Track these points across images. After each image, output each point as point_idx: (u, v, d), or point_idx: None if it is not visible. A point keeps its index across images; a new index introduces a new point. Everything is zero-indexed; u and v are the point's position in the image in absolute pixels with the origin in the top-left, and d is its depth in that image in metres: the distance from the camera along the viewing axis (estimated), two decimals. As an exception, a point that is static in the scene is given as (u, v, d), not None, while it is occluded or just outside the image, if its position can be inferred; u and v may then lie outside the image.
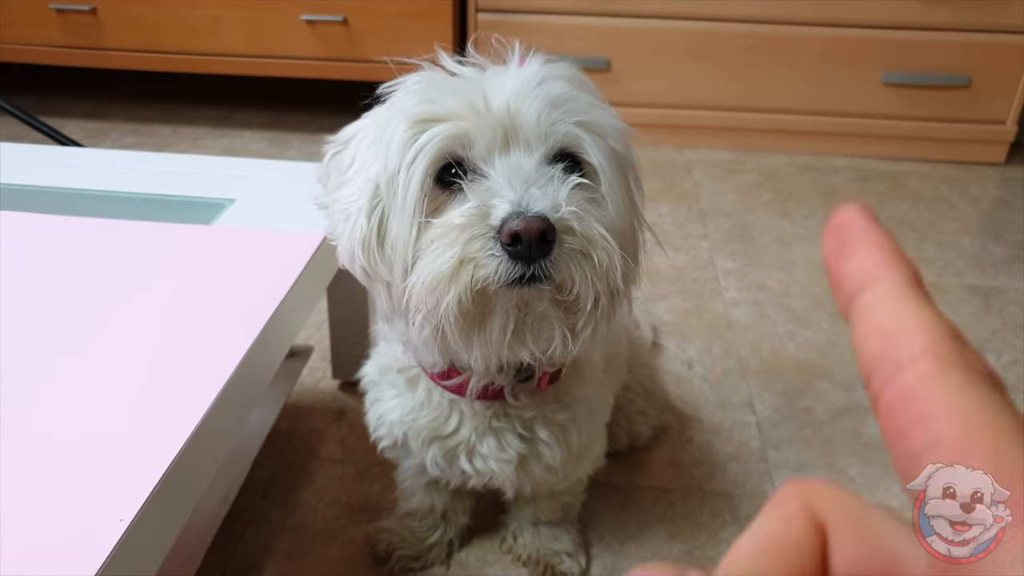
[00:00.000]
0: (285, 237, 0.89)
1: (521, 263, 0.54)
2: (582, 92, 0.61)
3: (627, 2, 1.97)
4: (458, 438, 0.74)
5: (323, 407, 1.18)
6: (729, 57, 2.00)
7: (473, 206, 0.56)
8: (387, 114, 0.62)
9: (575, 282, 0.55)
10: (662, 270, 1.55)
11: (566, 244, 0.54)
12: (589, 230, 0.55)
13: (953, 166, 2.06)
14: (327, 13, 1.97)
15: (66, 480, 0.57)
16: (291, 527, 0.98)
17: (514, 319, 0.57)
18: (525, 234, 0.53)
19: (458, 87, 0.59)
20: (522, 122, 0.58)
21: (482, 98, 0.58)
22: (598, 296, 0.56)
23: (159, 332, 0.73)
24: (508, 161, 0.57)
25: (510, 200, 0.55)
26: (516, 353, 0.60)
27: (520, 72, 0.60)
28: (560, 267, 0.55)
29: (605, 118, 0.61)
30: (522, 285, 0.55)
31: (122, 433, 0.62)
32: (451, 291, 0.55)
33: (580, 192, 0.58)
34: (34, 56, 2.09)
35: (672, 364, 1.28)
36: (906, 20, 1.93)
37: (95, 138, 2.08)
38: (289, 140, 2.11)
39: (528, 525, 0.94)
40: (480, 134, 0.57)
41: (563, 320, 0.58)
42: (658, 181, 1.92)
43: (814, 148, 2.09)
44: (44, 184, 1.03)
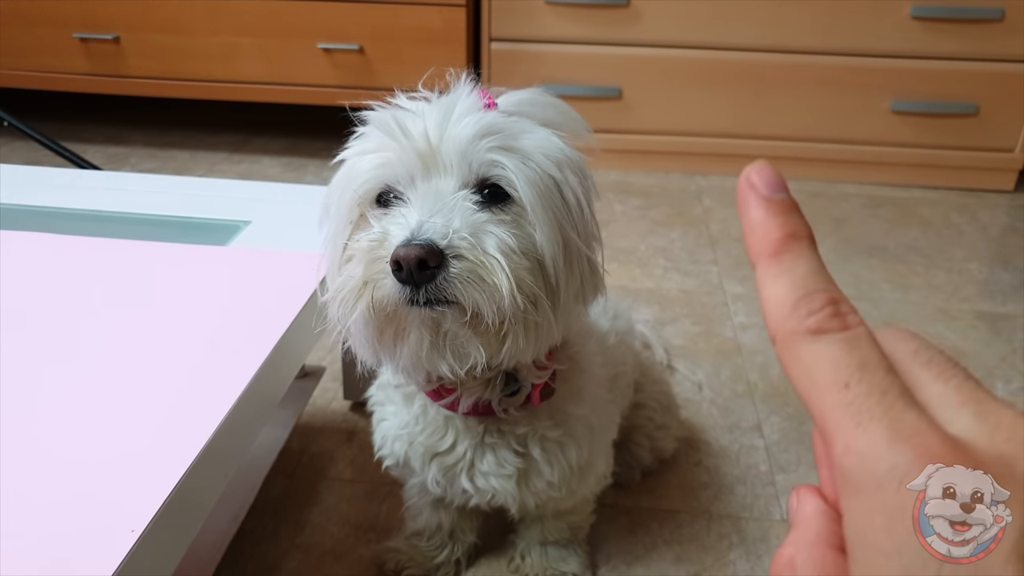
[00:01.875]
0: (299, 258, 0.91)
1: (410, 287, 0.57)
2: (522, 118, 0.64)
3: (638, 31, 2.00)
4: (455, 455, 0.76)
5: (334, 427, 1.19)
6: (739, 85, 2.03)
7: (376, 232, 0.60)
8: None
9: (472, 304, 0.58)
10: (672, 294, 1.56)
11: (452, 269, 0.57)
12: (483, 255, 0.58)
13: (962, 193, 2.06)
14: (344, 42, 2.01)
15: (80, 491, 0.59)
16: (300, 545, 0.99)
17: (428, 336, 0.61)
18: (404, 261, 0.56)
19: (387, 121, 0.63)
20: (443, 149, 0.61)
21: (404, 129, 0.62)
22: (503, 315, 0.58)
23: (174, 349, 0.75)
24: (427, 187, 0.61)
25: (407, 227, 0.58)
26: (435, 366, 0.63)
27: (447, 102, 0.63)
28: (452, 290, 0.57)
29: (538, 142, 0.63)
30: (422, 306, 0.58)
31: (135, 446, 0.63)
32: (358, 307, 0.60)
33: (494, 216, 0.60)
34: (58, 84, 2.14)
35: (681, 387, 1.29)
36: (914, 49, 1.95)
37: (115, 163, 2.12)
38: (305, 166, 2.14)
39: (536, 545, 0.94)
40: (401, 162, 0.62)
41: (475, 338, 0.60)
42: (669, 207, 1.94)
43: (823, 175, 2.10)
44: (65, 206, 1.05)
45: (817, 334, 0.23)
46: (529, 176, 0.61)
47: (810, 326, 0.23)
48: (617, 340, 0.90)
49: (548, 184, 0.62)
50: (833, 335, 0.23)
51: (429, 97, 0.66)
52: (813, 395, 0.23)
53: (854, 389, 0.22)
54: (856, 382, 0.22)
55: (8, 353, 0.73)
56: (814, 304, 0.24)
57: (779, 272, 0.24)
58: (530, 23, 2.01)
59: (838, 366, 0.22)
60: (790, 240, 0.25)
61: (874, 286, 1.62)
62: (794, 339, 0.23)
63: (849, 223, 1.89)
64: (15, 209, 1.04)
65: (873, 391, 0.22)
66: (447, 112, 0.62)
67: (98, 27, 2.06)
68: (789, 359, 0.24)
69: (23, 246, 0.92)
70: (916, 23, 1.92)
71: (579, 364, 0.76)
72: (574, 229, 0.64)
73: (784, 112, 2.04)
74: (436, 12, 1.97)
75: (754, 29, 1.97)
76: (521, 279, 0.59)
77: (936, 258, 1.74)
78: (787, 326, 0.24)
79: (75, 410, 0.67)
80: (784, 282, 0.24)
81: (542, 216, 0.61)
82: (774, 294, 0.24)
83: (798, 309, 0.24)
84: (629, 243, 1.76)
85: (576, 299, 0.65)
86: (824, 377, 0.23)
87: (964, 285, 1.63)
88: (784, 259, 0.25)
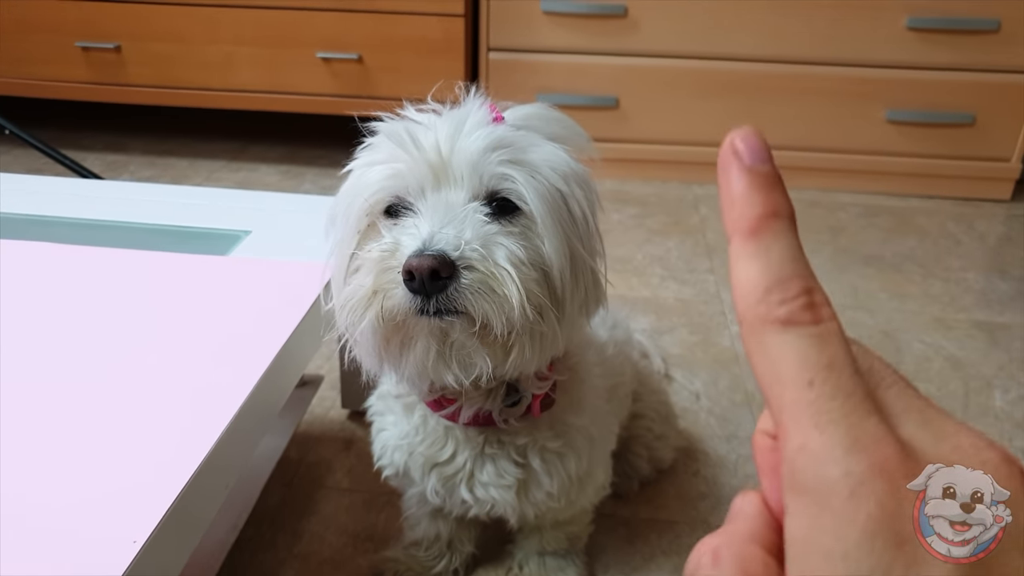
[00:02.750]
0: (298, 268, 0.91)
1: (421, 297, 0.58)
2: (530, 132, 0.65)
3: (635, 41, 2.01)
4: (455, 465, 0.76)
5: (332, 436, 1.19)
6: (735, 95, 2.04)
7: (388, 242, 0.61)
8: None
9: (481, 315, 0.58)
10: (669, 303, 1.56)
11: (463, 280, 0.58)
12: (493, 266, 0.58)
13: (959, 203, 2.07)
14: (343, 51, 2.02)
15: (82, 502, 0.59)
16: (298, 555, 0.99)
17: (435, 346, 0.61)
18: (417, 271, 0.57)
19: (399, 133, 0.63)
20: (454, 162, 0.62)
21: (415, 141, 0.62)
22: (512, 326, 0.59)
23: (174, 359, 0.75)
24: (437, 199, 0.62)
25: (419, 237, 0.59)
26: (441, 376, 0.63)
27: (458, 115, 0.64)
28: (463, 301, 0.58)
29: (546, 156, 0.64)
30: (432, 317, 0.59)
31: (137, 457, 0.63)
32: (367, 315, 0.60)
33: (503, 227, 0.61)
34: (59, 92, 2.15)
35: (679, 396, 1.29)
36: (910, 60, 1.96)
37: (114, 170, 2.12)
38: (303, 174, 2.15)
39: (534, 555, 0.95)
40: (411, 174, 0.62)
41: (482, 348, 0.61)
42: (665, 216, 1.95)
43: (820, 184, 2.11)
44: (64, 215, 1.06)
45: (787, 325, 0.22)
46: (538, 189, 0.62)
47: (781, 316, 0.22)
48: (616, 350, 0.90)
49: (556, 197, 0.63)
50: (803, 328, 0.22)
51: (438, 109, 0.67)
52: (775, 388, 0.22)
53: (817, 389, 0.21)
54: (821, 382, 0.22)
55: (9, 363, 0.74)
56: (788, 292, 0.23)
57: (754, 252, 0.23)
58: (528, 33, 2.02)
59: (805, 362, 0.22)
60: (770, 218, 0.23)
61: (871, 295, 1.62)
62: (762, 327, 0.23)
63: (846, 232, 1.89)
64: (17, 218, 1.04)
65: (837, 393, 0.21)
66: (458, 125, 0.63)
67: (99, 36, 2.06)
68: (754, 346, 0.23)
69: (25, 255, 0.92)
70: (912, 34, 1.93)
71: (579, 375, 0.77)
72: (580, 241, 0.64)
73: (781, 122, 2.05)
74: (435, 22, 1.97)
75: (751, 39, 1.98)
76: (530, 290, 0.59)
77: (933, 267, 1.74)
78: (757, 312, 0.23)
79: (77, 420, 0.67)
80: (758, 264, 0.23)
81: (550, 228, 0.62)
82: (747, 275, 0.23)
83: (770, 295, 0.23)
84: (626, 252, 1.77)
85: (580, 311, 0.66)
86: (789, 372, 0.22)
87: (961, 295, 1.63)
88: (761, 238, 0.23)
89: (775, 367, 0.22)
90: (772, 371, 0.22)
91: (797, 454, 0.21)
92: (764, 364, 0.23)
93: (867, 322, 1.52)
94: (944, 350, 1.44)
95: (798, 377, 0.22)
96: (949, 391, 1.33)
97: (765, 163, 0.24)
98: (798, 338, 0.22)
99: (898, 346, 1.45)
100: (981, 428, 1.09)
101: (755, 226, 0.23)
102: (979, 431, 0.22)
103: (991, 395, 1.32)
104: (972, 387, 1.34)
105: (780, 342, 0.22)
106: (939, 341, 1.47)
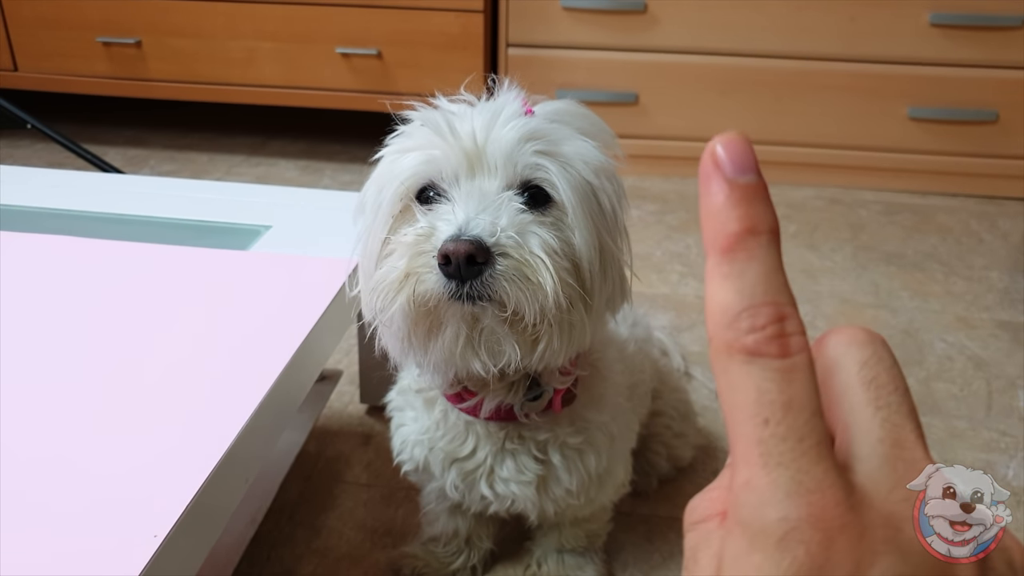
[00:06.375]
0: (319, 263, 0.91)
1: (455, 281, 0.58)
2: (562, 126, 0.65)
3: (655, 37, 2.00)
4: (475, 461, 0.76)
5: (350, 431, 1.19)
6: (755, 91, 2.02)
7: (423, 226, 0.61)
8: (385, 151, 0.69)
9: (514, 302, 0.59)
10: (689, 300, 1.55)
11: (498, 267, 0.58)
12: (528, 254, 0.59)
13: (982, 201, 2.04)
14: (362, 46, 2.02)
15: (103, 497, 0.59)
16: (316, 550, 0.99)
17: (465, 332, 0.61)
18: (454, 256, 0.57)
19: (436, 120, 0.64)
20: (489, 151, 0.62)
21: (452, 128, 0.63)
22: (544, 315, 0.60)
23: (195, 353, 0.75)
24: (472, 186, 0.62)
25: (454, 223, 0.59)
26: (469, 363, 0.63)
27: (493, 106, 0.65)
28: (496, 287, 0.58)
29: (578, 149, 0.64)
30: (464, 302, 0.59)
31: (157, 452, 0.64)
32: (398, 299, 0.61)
33: (536, 217, 0.61)
34: (81, 87, 2.16)
35: (699, 394, 1.28)
36: (932, 56, 1.93)
37: (134, 165, 2.14)
38: (323, 169, 2.15)
39: (553, 552, 0.94)
40: (447, 160, 0.63)
41: (511, 336, 0.61)
42: (685, 212, 1.93)
43: (841, 181, 2.09)
44: (85, 209, 1.06)
45: (752, 356, 0.22)
46: (570, 180, 0.62)
47: (747, 345, 0.22)
48: (636, 348, 0.90)
49: (587, 190, 0.64)
50: (768, 361, 0.21)
51: (471, 101, 0.67)
52: (734, 416, 0.22)
53: (771, 429, 0.21)
54: (776, 422, 0.21)
55: (31, 358, 0.74)
56: (757, 320, 0.22)
57: (728, 272, 0.22)
58: (547, 29, 2.01)
59: (762, 399, 0.21)
60: (747, 235, 0.22)
61: (893, 294, 1.60)
62: (728, 354, 0.22)
63: (867, 230, 1.87)
64: (38, 212, 1.05)
65: (789, 436, 0.21)
66: (494, 115, 0.63)
67: (121, 31, 2.08)
68: (719, 372, 0.22)
69: (46, 250, 0.93)
70: (935, 30, 1.90)
71: (600, 371, 0.77)
72: (609, 235, 0.65)
73: (801, 118, 2.03)
74: (454, 17, 1.97)
75: (771, 35, 1.96)
76: (563, 280, 0.60)
77: (956, 266, 1.72)
78: (724, 337, 0.22)
79: (97, 416, 0.67)
80: (731, 286, 0.22)
81: (581, 220, 0.62)
82: (719, 297, 0.22)
83: (739, 321, 0.22)
84: (645, 248, 1.76)
85: (607, 304, 0.66)
86: (746, 405, 0.22)
87: (984, 294, 1.61)
88: (736, 258, 0.22)
89: (735, 396, 0.22)
90: (732, 400, 0.22)
91: (742, 488, 0.21)
92: (726, 392, 0.22)
93: (889, 321, 1.51)
94: (967, 349, 1.42)
95: (755, 413, 0.21)
96: (972, 391, 1.31)
97: (747, 173, 0.23)
98: (761, 371, 0.22)
99: (920, 345, 1.43)
100: (1004, 429, 1.08)
101: (731, 244, 0.22)
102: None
103: (1015, 395, 1.30)
104: (995, 387, 1.32)
105: (743, 372, 0.22)
106: (962, 340, 1.45)
